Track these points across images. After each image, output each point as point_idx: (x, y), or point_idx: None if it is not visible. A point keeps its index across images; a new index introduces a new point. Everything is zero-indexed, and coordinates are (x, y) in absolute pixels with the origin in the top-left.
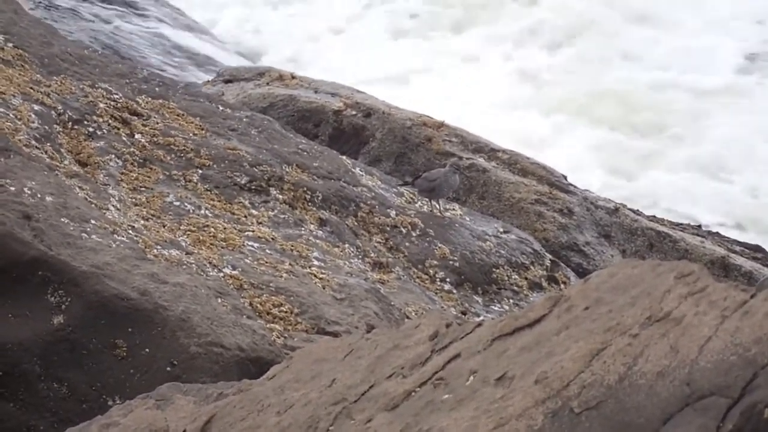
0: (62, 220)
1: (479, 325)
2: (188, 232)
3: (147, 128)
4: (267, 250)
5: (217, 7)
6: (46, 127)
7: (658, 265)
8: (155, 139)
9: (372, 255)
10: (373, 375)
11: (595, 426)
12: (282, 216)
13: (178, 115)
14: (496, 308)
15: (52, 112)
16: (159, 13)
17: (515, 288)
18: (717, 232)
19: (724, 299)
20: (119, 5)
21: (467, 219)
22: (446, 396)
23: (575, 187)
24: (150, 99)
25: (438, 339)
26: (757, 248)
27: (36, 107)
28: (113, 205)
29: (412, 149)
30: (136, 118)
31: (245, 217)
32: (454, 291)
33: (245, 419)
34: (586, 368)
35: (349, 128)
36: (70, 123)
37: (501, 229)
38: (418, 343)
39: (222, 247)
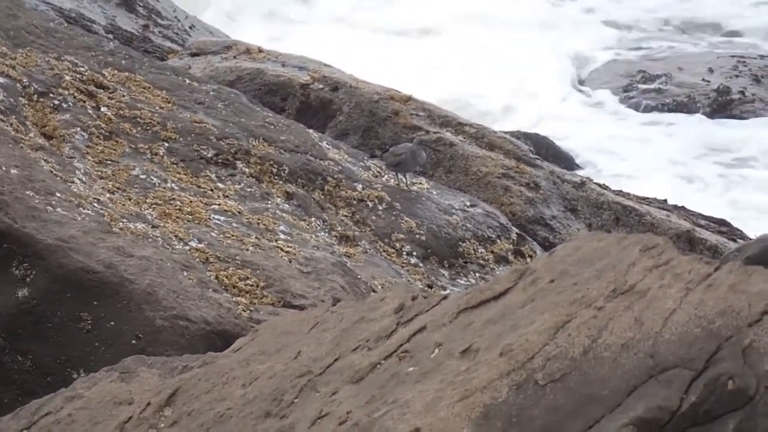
0: (27, 193)
1: (445, 298)
2: (154, 206)
3: (113, 101)
4: (233, 224)
5: None
6: (11, 100)
7: (624, 238)
8: (121, 112)
9: (338, 228)
10: (338, 348)
11: (559, 398)
12: (248, 189)
13: (144, 88)
14: (462, 282)
15: (18, 84)
16: None
17: (481, 262)
18: (683, 206)
19: (689, 272)
20: None
21: (434, 193)
22: (411, 368)
23: (542, 161)
24: (116, 72)
25: (403, 312)
26: (722, 222)
27: (1, 80)
28: (79, 178)
29: (379, 123)
30: (102, 90)
31: (211, 190)
32: (421, 264)
33: (210, 392)
34: (550, 341)
35: (317, 102)
36: (36, 96)
37: (468, 203)
38: (384, 316)
39: (188, 221)
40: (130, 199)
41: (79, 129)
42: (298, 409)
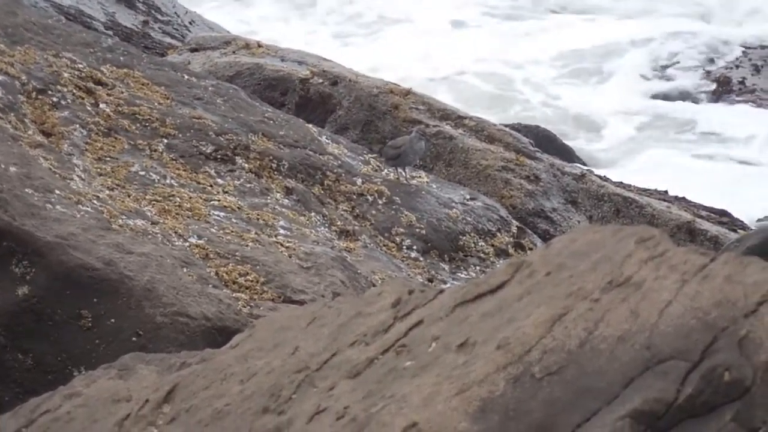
0: (26, 190)
1: (441, 291)
2: (153, 202)
3: (112, 98)
4: (233, 219)
5: None
6: (10, 97)
7: (619, 230)
8: (120, 109)
9: (338, 223)
10: (335, 343)
11: (556, 391)
12: (248, 185)
13: (143, 84)
14: (462, 275)
15: (16, 82)
16: None
17: (482, 255)
18: (683, 197)
19: (684, 263)
20: None
21: (434, 186)
22: (408, 363)
23: (542, 153)
24: (115, 68)
25: (400, 306)
26: (723, 213)
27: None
28: (78, 175)
29: (379, 117)
30: (100, 87)
31: (211, 186)
32: (421, 258)
33: (208, 388)
34: (547, 333)
35: (316, 96)
36: (35, 93)
37: (468, 197)
38: (381, 311)
39: (188, 217)
40: (129, 196)
41: (77, 126)
42: (296, 405)
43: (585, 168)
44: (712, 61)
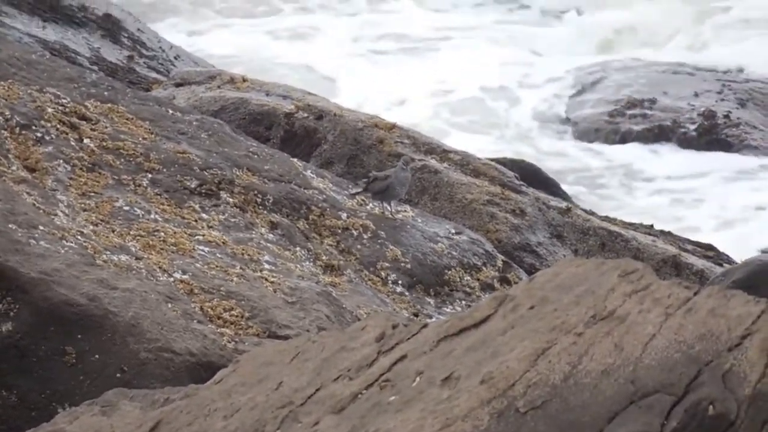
0: (10, 226)
1: (425, 326)
2: (138, 237)
3: (96, 133)
4: (218, 254)
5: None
6: None
7: (602, 263)
8: (104, 144)
9: (323, 258)
10: (319, 377)
11: (540, 425)
12: (233, 220)
13: (127, 119)
14: (448, 309)
15: (0, 117)
16: None
17: (467, 289)
18: (669, 231)
19: (668, 297)
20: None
21: (419, 220)
22: (393, 397)
23: (527, 187)
24: (99, 103)
25: (384, 340)
26: (708, 247)
27: None
28: (62, 211)
29: (364, 151)
30: (84, 122)
31: (195, 221)
32: (407, 293)
33: (192, 424)
34: (531, 368)
35: (301, 131)
36: (18, 128)
37: (453, 231)
38: (365, 345)
39: (172, 252)
40: (113, 231)
41: (61, 161)
42: None
43: (570, 202)
44: (696, 94)
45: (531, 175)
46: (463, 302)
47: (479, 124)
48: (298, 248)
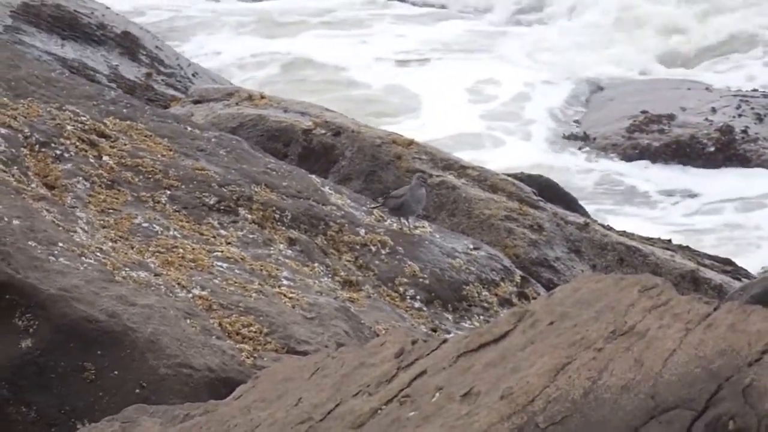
0: (29, 243)
1: (445, 341)
2: (157, 254)
3: (115, 150)
4: (236, 270)
5: None
6: (13, 150)
7: (622, 279)
8: (123, 161)
9: (342, 274)
10: (339, 393)
11: None
12: (251, 236)
13: (146, 137)
14: (466, 325)
15: (19, 135)
16: None
17: (485, 305)
18: (687, 246)
19: (688, 312)
20: None
21: (437, 236)
22: (412, 413)
23: (545, 202)
24: (118, 120)
25: (404, 356)
26: (726, 261)
27: (3, 131)
28: (81, 228)
29: (381, 167)
30: (103, 139)
31: (214, 237)
32: (425, 308)
33: None
34: (551, 383)
35: (319, 147)
36: (37, 146)
37: (471, 246)
38: (384, 361)
39: (191, 268)
40: (132, 248)
41: (80, 178)
42: None
43: (588, 217)
44: (714, 110)
45: (548, 191)
46: (482, 317)
47: (495, 138)
48: (316, 264)
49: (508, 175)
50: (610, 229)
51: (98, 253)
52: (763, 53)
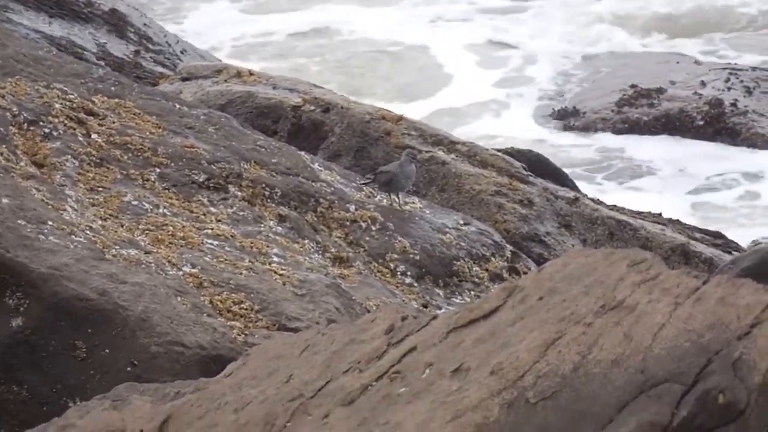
0: (19, 222)
1: (435, 317)
2: (147, 232)
3: (103, 128)
4: (226, 248)
5: None
6: (1, 129)
7: (611, 253)
8: (112, 139)
9: (332, 250)
10: (329, 370)
11: (550, 416)
12: (241, 213)
13: (134, 114)
14: (457, 300)
15: (7, 113)
16: None
17: (476, 280)
18: (677, 220)
19: (677, 286)
20: None
21: (427, 212)
22: (402, 389)
23: (534, 177)
24: (106, 98)
25: (394, 332)
26: (717, 234)
27: None
28: (70, 206)
29: (371, 143)
30: (92, 117)
31: (204, 215)
32: (415, 284)
33: (203, 418)
34: (541, 358)
35: (308, 124)
36: (26, 124)
37: (461, 222)
38: (374, 337)
39: (181, 246)
40: (122, 226)
41: (69, 157)
42: None
43: (578, 192)
44: (703, 83)
45: (538, 165)
46: (472, 293)
47: (483, 114)
48: (306, 241)
49: (498, 150)
50: (600, 203)
51: (88, 232)
52: (752, 27)
